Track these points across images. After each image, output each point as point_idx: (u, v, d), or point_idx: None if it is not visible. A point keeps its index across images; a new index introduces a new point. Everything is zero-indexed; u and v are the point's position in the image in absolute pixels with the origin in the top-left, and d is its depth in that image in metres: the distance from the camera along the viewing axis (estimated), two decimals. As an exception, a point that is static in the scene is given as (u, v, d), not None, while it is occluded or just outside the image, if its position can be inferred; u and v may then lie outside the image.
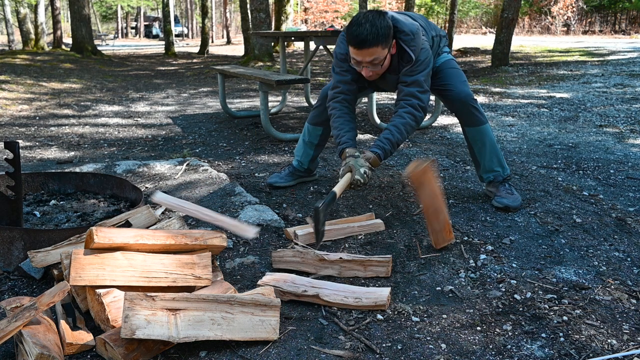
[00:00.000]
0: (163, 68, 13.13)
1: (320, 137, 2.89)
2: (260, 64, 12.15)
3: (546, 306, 1.72)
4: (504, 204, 2.52)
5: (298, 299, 1.74)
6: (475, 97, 2.58)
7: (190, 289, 1.66)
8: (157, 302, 1.41)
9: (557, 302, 1.74)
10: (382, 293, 1.73)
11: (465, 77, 2.62)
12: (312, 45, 5.65)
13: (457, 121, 4.96)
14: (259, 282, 1.80)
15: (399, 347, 1.51)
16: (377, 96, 6.64)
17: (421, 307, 1.73)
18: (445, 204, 2.13)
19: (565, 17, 24.56)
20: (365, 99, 5.91)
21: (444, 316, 1.68)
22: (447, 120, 5.06)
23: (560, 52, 13.02)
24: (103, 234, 1.55)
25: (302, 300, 1.74)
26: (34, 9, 17.08)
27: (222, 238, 1.79)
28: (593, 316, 1.66)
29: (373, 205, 2.67)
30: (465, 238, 2.24)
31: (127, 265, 1.57)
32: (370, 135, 4.37)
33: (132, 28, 50.72)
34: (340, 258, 1.93)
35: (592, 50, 12.92)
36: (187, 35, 43.23)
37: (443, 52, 2.70)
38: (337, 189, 2.17)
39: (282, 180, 2.94)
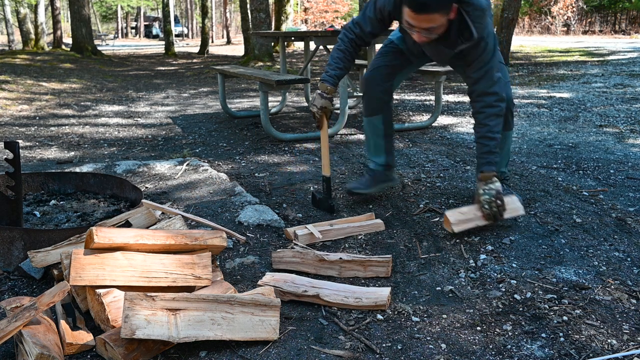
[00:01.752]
0: (163, 68, 13.13)
1: (384, 124, 2.63)
2: (260, 64, 12.15)
3: (546, 306, 1.72)
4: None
5: (298, 299, 1.74)
6: (513, 101, 2.48)
7: (190, 289, 1.66)
8: (157, 302, 1.41)
9: (557, 302, 1.74)
10: (382, 293, 1.73)
11: (508, 75, 2.48)
12: (312, 45, 5.64)
13: (458, 121, 4.98)
14: (259, 282, 1.80)
15: (399, 347, 1.51)
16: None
17: (421, 307, 1.73)
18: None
19: (565, 17, 24.55)
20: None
21: (444, 316, 1.68)
22: (447, 120, 5.06)
23: (560, 52, 13.01)
24: (103, 234, 1.55)
25: (302, 300, 1.74)
26: (34, 9, 17.08)
27: (222, 238, 1.79)
28: (593, 316, 1.66)
29: (373, 205, 2.67)
30: (466, 238, 2.24)
31: (127, 265, 1.57)
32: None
33: (132, 28, 50.72)
34: (340, 258, 1.93)
35: (592, 50, 12.92)
36: (187, 35, 43.22)
37: None
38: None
39: (362, 186, 2.64)
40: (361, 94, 2.69)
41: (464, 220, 2.21)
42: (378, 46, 3.39)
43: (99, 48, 17.55)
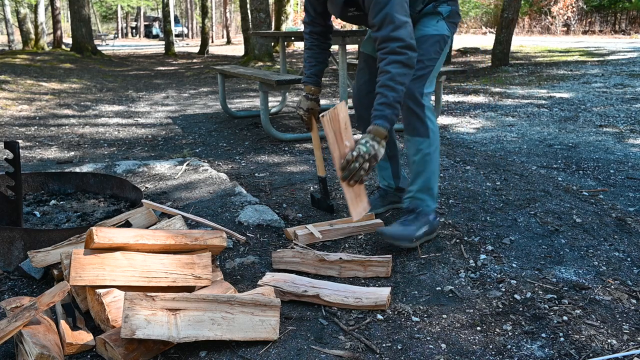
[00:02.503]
0: (163, 68, 13.14)
1: (386, 144, 2.20)
2: (260, 64, 12.15)
3: (546, 306, 1.72)
4: (385, 234, 2.11)
5: (298, 299, 1.74)
6: (421, 101, 2.10)
7: (190, 289, 1.66)
8: (157, 302, 1.41)
9: (557, 302, 1.74)
10: (382, 293, 1.73)
11: (428, 70, 2.12)
12: (312, 45, 5.65)
13: (457, 121, 4.98)
14: (259, 282, 1.80)
15: (399, 347, 1.51)
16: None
17: (421, 307, 1.73)
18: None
19: (565, 17, 24.53)
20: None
21: (444, 316, 1.68)
22: (446, 120, 5.06)
23: (560, 52, 13.01)
24: (103, 234, 1.55)
25: (302, 300, 1.74)
26: (34, 9, 17.09)
27: (222, 238, 1.79)
28: (593, 316, 1.66)
29: (373, 205, 2.67)
30: (465, 238, 2.24)
31: (127, 265, 1.57)
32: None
33: (132, 28, 50.75)
34: (340, 258, 1.93)
35: (592, 50, 12.92)
36: (187, 35, 43.23)
37: (430, 18, 2.18)
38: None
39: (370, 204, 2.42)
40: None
41: (338, 129, 1.94)
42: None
43: (99, 48, 17.56)
